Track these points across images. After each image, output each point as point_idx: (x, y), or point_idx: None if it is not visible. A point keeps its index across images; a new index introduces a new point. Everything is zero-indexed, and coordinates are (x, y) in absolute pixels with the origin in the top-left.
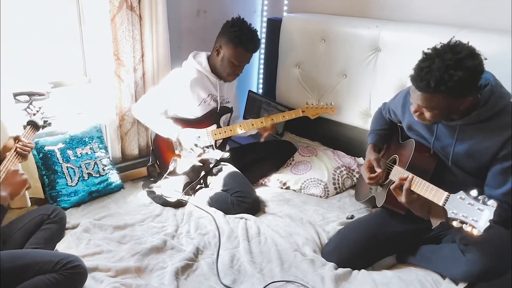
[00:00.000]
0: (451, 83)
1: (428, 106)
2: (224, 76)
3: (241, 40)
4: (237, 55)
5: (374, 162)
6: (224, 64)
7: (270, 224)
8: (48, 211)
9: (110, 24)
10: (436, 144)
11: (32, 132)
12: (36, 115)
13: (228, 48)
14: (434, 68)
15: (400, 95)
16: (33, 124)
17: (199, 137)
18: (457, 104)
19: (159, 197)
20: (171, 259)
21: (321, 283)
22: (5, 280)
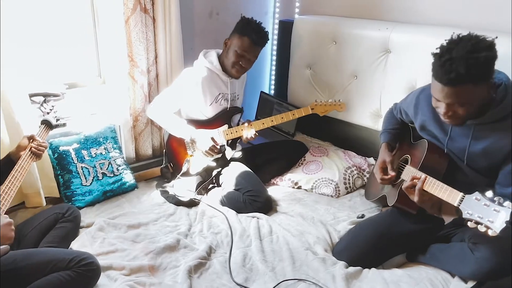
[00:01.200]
0: (479, 65)
1: (460, 99)
2: (229, 69)
3: (246, 29)
4: (241, 44)
5: (388, 164)
6: (229, 55)
7: (282, 223)
8: (62, 210)
9: (124, 26)
10: (450, 144)
11: (46, 132)
12: (49, 114)
13: (235, 38)
14: (456, 58)
15: (412, 95)
16: (46, 123)
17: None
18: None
19: (172, 196)
20: (184, 258)
21: (332, 282)
22: (20, 278)
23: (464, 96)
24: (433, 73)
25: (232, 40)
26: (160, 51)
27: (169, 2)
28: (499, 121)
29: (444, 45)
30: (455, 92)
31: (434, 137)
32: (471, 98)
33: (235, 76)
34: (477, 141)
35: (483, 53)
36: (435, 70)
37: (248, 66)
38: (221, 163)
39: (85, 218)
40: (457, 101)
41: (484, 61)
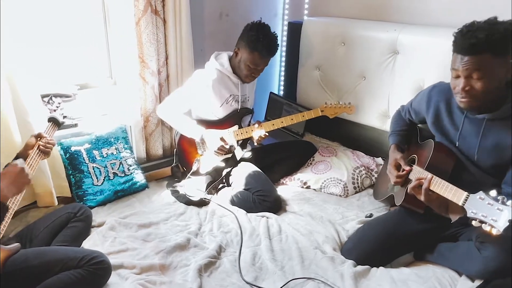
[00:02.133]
0: (498, 35)
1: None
2: (242, 78)
3: (257, 45)
4: (252, 59)
5: (401, 160)
6: (241, 67)
7: (291, 222)
8: (74, 209)
9: (135, 27)
10: (461, 140)
11: (53, 129)
12: (56, 112)
13: (245, 51)
14: (477, 28)
15: (422, 93)
16: (54, 121)
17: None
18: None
19: (182, 196)
20: (194, 257)
21: (341, 280)
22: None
23: (483, 67)
24: (454, 47)
25: (242, 53)
26: (170, 53)
27: (179, 4)
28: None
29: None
30: (475, 61)
31: (445, 133)
32: (489, 71)
33: (247, 82)
34: (488, 137)
35: (503, 25)
36: (457, 41)
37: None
38: (231, 162)
39: (97, 217)
40: (476, 71)
41: (504, 32)
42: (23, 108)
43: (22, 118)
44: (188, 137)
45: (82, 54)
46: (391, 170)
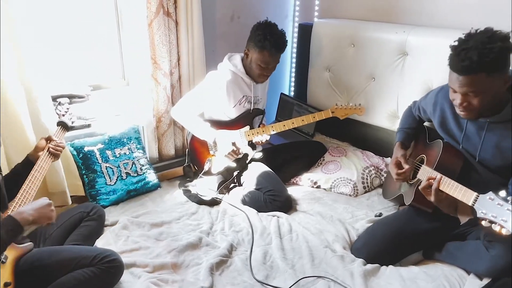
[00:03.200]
0: (492, 55)
1: (474, 89)
2: (255, 78)
3: (265, 44)
4: (262, 58)
5: (401, 158)
6: (253, 67)
7: (301, 222)
8: (87, 209)
9: (148, 29)
10: (464, 141)
11: (62, 133)
12: (64, 116)
13: (254, 51)
14: (471, 47)
15: (431, 94)
16: (62, 125)
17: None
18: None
19: (194, 195)
20: (206, 255)
21: (351, 279)
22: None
23: (478, 86)
24: (449, 63)
25: (252, 53)
26: (182, 54)
27: (191, 6)
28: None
29: (462, 37)
30: (469, 81)
31: (451, 135)
32: (485, 88)
33: (261, 82)
34: (490, 139)
35: (497, 44)
36: (451, 60)
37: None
38: (242, 162)
39: (110, 216)
40: (471, 91)
41: (498, 51)
42: (37, 109)
43: (36, 119)
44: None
45: (96, 56)
46: (392, 168)
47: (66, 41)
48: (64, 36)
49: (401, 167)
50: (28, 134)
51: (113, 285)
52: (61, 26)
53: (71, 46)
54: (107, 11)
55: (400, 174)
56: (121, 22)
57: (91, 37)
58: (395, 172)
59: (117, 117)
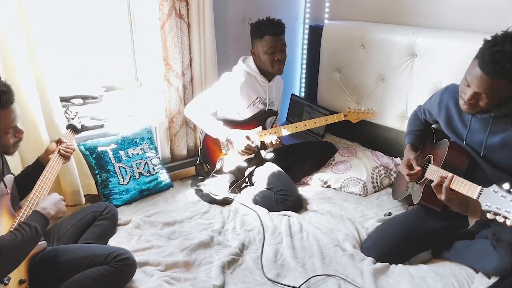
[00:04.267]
0: None
1: (490, 91)
2: (271, 70)
3: (262, 30)
4: (266, 45)
5: (413, 160)
6: (263, 59)
7: (312, 221)
8: (100, 208)
9: (160, 31)
10: (469, 138)
11: (72, 135)
12: (74, 120)
13: (258, 43)
14: (507, 52)
15: (435, 95)
16: (72, 128)
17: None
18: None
19: (206, 195)
20: (217, 254)
21: (361, 277)
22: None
23: (495, 89)
24: (479, 60)
25: (256, 47)
26: (194, 55)
27: (203, 8)
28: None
29: (499, 35)
30: (491, 83)
31: (456, 133)
32: (498, 92)
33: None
34: (495, 134)
35: None
36: (483, 57)
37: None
38: (255, 162)
39: (123, 215)
40: (487, 92)
41: None
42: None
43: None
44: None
45: (109, 58)
46: (403, 169)
47: (80, 43)
48: (78, 38)
49: (412, 168)
50: (42, 134)
51: (126, 283)
52: (75, 28)
53: (85, 48)
54: (120, 13)
55: (411, 174)
56: (134, 24)
57: (105, 39)
58: (406, 173)
59: (130, 118)
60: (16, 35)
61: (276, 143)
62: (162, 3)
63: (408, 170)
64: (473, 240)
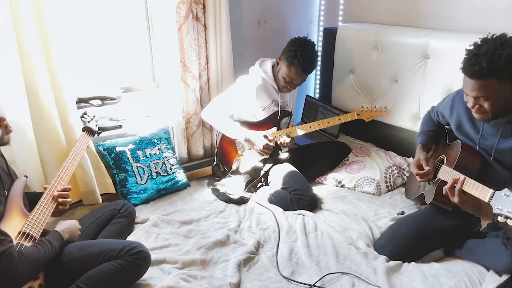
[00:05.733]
0: (501, 61)
1: (485, 93)
2: (280, 87)
3: (293, 61)
4: (288, 73)
5: (423, 161)
6: (279, 77)
7: (326, 220)
8: (118, 206)
9: (177, 33)
10: (481, 142)
11: (87, 138)
12: (90, 123)
13: (283, 64)
14: (482, 53)
15: (448, 98)
16: (88, 130)
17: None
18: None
19: (223, 194)
20: (234, 252)
21: (374, 275)
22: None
23: (488, 91)
24: (462, 67)
25: (281, 64)
26: (211, 57)
27: (219, 11)
28: None
29: (477, 42)
30: (479, 85)
31: (468, 136)
32: (495, 93)
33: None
34: (506, 139)
35: (507, 51)
36: (464, 64)
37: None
38: (270, 161)
39: (140, 214)
40: (482, 95)
41: (507, 57)
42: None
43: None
44: (228, 138)
45: (127, 60)
46: (413, 169)
47: (99, 46)
48: (97, 41)
49: (422, 168)
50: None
51: (140, 277)
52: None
53: (104, 50)
54: (138, 16)
55: (421, 174)
56: (151, 27)
57: (123, 42)
58: (415, 173)
59: (148, 118)
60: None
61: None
62: (179, 6)
63: (418, 170)
64: (484, 239)
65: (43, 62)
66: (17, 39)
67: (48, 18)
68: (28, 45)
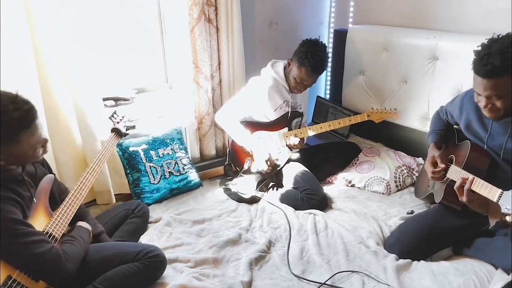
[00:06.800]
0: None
1: (497, 92)
2: (291, 88)
3: (304, 62)
4: (299, 74)
5: (438, 158)
6: (290, 78)
7: (336, 219)
8: (132, 206)
9: (190, 35)
10: (490, 141)
11: (116, 139)
12: (119, 124)
13: (295, 65)
14: (493, 52)
15: (458, 98)
16: (117, 131)
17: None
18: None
19: (234, 193)
20: (245, 251)
21: (384, 273)
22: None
23: (501, 89)
24: (473, 68)
25: (292, 65)
26: (223, 58)
27: (231, 13)
28: None
29: (485, 43)
30: (492, 84)
31: (477, 136)
32: (508, 91)
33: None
34: None
35: None
36: (475, 64)
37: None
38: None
39: (153, 214)
40: (495, 94)
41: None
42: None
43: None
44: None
45: (140, 61)
46: (428, 166)
47: (112, 47)
48: (111, 42)
49: (437, 166)
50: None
51: (156, 280)
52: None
53: (117, 51)
54: (152, 18)
55: (435, 172)
56: (164, 29)
57: (136, 43)
58: (430, 171)
59: (161, 119)
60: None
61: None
62: (191, 8)
63: (433, 168)
64: (493, 237)
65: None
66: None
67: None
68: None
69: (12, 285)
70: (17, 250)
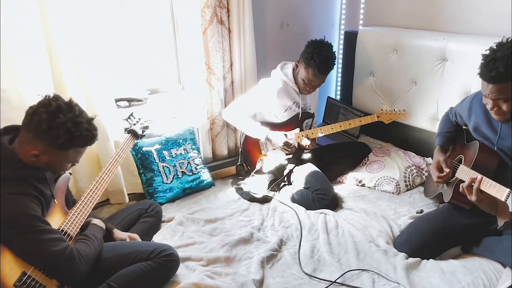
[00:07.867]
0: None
1: (503, 96)
2: (300, 89)
3: (310, 62)
4: (306, 75)
5: (443, 163)
6: (298, 79)
7: (347, 218)
8: (145, 206)
9: (202, 36)
10: (500, 143)
11: (132, 141)
12: (136, 125)
13: (302, 66)
14: (498, 58)
15: (466, 100)
16: (133, 133)
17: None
18: None
19: (246, 193)
20: (257, 250)
21: (394, 272)
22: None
23: (506, 93)
24: (479, 72)
25: (300, 66)
26: (235, 60)
27: (243, 15)
28: None
29: (493, 47)
30: (497, 89)
31: (485, 137)
32: None
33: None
34: None
35: None
36: (481, 69)
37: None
38: (293, 161)
39: (166, 213)
40: (500, 98)
41: None
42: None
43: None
44: (252, 138)
45: (153, 62)
46: (434, 171)
47: (126, 48)
48: (124, 43)
49: (442, 170)
50: None
51: (169, 278)
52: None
53: (130, 53)
54: (164, 20)
55: (441, 177)
56: (177, 30)
57: (149, 44)
58: (436, 175)
59: (173, 119)
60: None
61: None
62: (204, 10)
63: (439, 172)
64: (501, 236)
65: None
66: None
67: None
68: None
69: (27, 281)
70: (34, 247)
